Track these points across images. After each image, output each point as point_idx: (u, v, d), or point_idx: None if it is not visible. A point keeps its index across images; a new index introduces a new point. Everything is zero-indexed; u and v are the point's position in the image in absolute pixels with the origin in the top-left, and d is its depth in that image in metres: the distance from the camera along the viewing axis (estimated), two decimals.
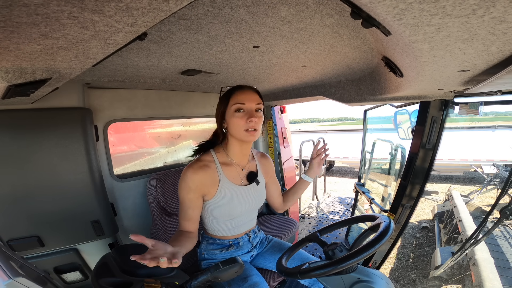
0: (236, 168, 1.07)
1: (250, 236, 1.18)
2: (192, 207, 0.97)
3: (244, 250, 1.16)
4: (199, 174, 0.96)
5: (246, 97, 0.96)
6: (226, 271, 0.69)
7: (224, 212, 1.03)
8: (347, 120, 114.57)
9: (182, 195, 0.97)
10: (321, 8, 0.59)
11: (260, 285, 1.00)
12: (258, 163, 1.17)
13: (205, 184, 0.98)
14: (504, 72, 0.60)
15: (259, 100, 0.98)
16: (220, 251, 1.11)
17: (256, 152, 1.22)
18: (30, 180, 1.18)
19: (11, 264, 0.59)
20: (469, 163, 6.38)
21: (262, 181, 1.16)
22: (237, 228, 1.12)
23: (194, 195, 0.97)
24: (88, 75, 1.15)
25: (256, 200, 1.12)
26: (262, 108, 0.99)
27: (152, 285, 0.80)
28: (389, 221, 0.84)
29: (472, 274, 2.22)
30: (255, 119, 0.94)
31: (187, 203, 0.97)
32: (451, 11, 0.37)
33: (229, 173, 1.04)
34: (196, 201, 0.98)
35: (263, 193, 1.17)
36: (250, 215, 1.16)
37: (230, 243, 1.12)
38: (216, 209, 1.03)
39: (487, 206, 4.44)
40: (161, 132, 1.91)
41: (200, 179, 0.96)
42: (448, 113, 1.39)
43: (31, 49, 0.47)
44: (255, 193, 1.11)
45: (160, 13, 0.40)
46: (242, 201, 1.06)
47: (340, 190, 6.65)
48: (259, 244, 1.25)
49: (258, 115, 0.96)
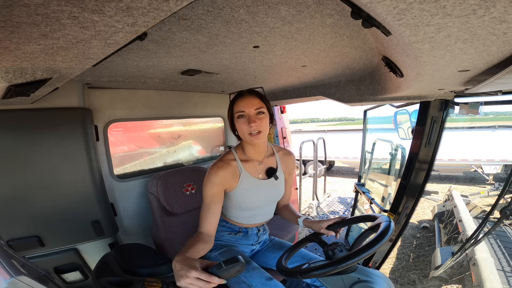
0: (253, 163, 1.13)
1: (260, 230, 1.24)
2: (215, 200, 1.03)
3: (249, 242, 1.21)
4: (222, 171, 1.04)
5: (245, 103, 1.01)
6: (228, 270, 0.69)
7: (242, 202, 1.10)
8: (347, 120, 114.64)
9: (206, 191, 1.03)
10: (321, 8, 0.59)
11: (261, 269, 1.06)
12: (279, 159, 1.21)
13: (227, 179, 1.06)
14: (504, 72, 0.60)
15: (259, 104, 1.02)
16: (228, 234, 1.19)
17: (279, 149, 1.26)
18: (30, 180, 1.18)
19: (13, 263, 0.59)
20: (469, 163, 6.38)
21: (282, 177, 1.20)
22: (253, 218, 1.18)
23: (218, 189, 1.03)
24: (88, 75, 1.15)
25: (273, 194, 1.17)
26: (263, 110, 1.03)
27: (153, 284, 0.80)
28: (389, 221, 0.84)
29: (472, 274, 2.22)
30: (255, 124, 1.00)
31: (210, 197, 1.02)
32: (451, 11, 0.37)
33: (248, 168, 1.12)
34: (219, 195, 1.04)
35: (281, 188, 1.21)
36: (267, 208, 1.20)
37: (240, 229, 1.19)
38: (237, 199, 1.10)
39: (487, 206, 4.44)
40: (161, 132, 1.91)
41: (222, 175, 1.04)
42: (448, 113, 1.39)
43: (31, 49, 0.47)
44: (273, 187, 1.16)
45: (160, 13, 0.40)
46: (260, 193, 1.12)
47: (340, 190, 6.65)
48: (262, 242, 1.29)
49: (259, 118, 1.02)
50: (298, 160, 5.71)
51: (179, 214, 1.53)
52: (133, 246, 1.29)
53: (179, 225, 1.51)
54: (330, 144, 7.19)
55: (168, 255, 1.37)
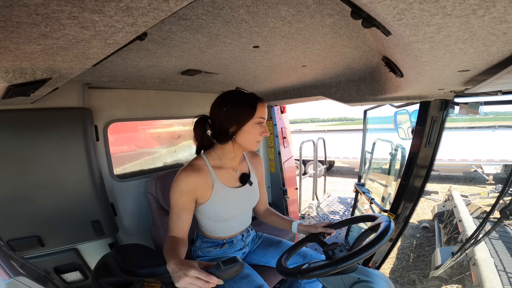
0: (228, 171, 1.07)
1: (244, 235, 1.19)
2: (184, 210, 0.96)
3: (237, 248, 1.18)
4: (192, 177, 0.96)
5: (265, 111, 1.00)
6: (227, 270, 0.69)
7: (218, 215, 1.04)
8: (347, 120, 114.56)
9: (174, 199, 0.96)
10: (321, 8, 0.59)
11: (252, 276, 1.03)
12: (249, 164, 1.18)
13: (198, 188, 0.98)
14: (504, 72, 0.60)
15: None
16: (214, 248, 1.13)
17: (247, 152, 1.21)
18: (30, 180, 1.18)
19: (12, 264, 0.59)
20: (469, 163, 6.38)
21: (255, 182, 1.17)
22: (232, 229, 1.13)
23: (187, 198, 0.96)
24: (88, 75, 1.15)
25: (250, 201, 1.14)
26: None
27: (152, 285, 0.80)
28: (389, 221, 0.84)
29: (472, 274, 2.22)
30: (267, 133, 1.00)
31: (179, 206, 0.96)
32: (451, 11, 0.37)
33: (222, 177, 1.05)
34: (189, 204, 0.98)
35: (256, 193, 1.18)
36: (245, 216, 1.17)
37: (224, 241, 1.14)
38: (211, 212, 1.03)
39: (487, 206, 4.44)
40: (161, 132, 1.91)
41: (193, 182, 0.96)
42: (448, 113, 1.39)
43: (31, 49, 0.47)
44: (249, 194, 1.12)
45: (160, 13, 0.40)
46: (236, 203, 1.07)
47: (340, 190, 6.65)
48: (251, 242, 1.27)
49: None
50: (298, 160, 5.71)
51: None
52: (132, 247, 1.29)
53: None
54: (330, 144, 7.19)
55: None
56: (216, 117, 0.99)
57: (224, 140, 0.99)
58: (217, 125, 0.99)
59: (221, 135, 0.99)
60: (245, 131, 0.97)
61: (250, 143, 1.00)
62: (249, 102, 0.97)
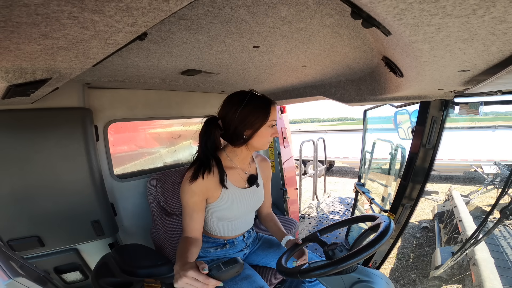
0: (238, 171, 1.09)
1: (245, 236, 1.21)
2: (197, 210, 0.97)
3: (238, 249, 1.19)
4: (204, 177, 0.96)
5: (276, 113, 1.04)
6: (227, 271, 0.70)
7: (225, 214, 1.06)
8: (347, 120, 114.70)
9: (186, 199, 0.96)
10: (321, 8, 0.59)
11: (253, 277, 1.04)
12: (258, 166, 1.20)
13: (209, 188, 0.98)
14: (504, 72, 0.60)
15: None
16: (215, 249, 1.14)
17: (256, 155, 1.24)
18: (30, 180, 1.18)
19: (11, 264, 0.59)
20: (469, 163, 6.38)
21: (262, 184, 1.19)
22: (235, 229, 1.14)
23: (199, 198, 0.97)
24: (88, 75, 1.15)
25: (255, 202, 1.15)
26: None
27: (152, 285, 0.80)
28: (389, 221, 0.84)
29: (472, 274, 2.22)
30: (277, 135, 1.08)
31: (191, 206, 0.96)
32: (451, 11, 0.37)
33: (232, 177, 1.06)
34: (200, 204, 0.98)
35: (261, 196, 1.19)
36: (248, 217, 1.18)
37: (225, 241, 1.15)
38: (218, 211, 1.04)
39: (487, 206, 4.44)
40: (161, 132, 1.91)
41: (204, 183, 0.96)
42: (448, 113, 1.39)
43: (31, 49, 0.47)
44: (255, 196, 1.14)
45: (160, 13, 0.40)
46: (243, 203, 1.09)
47: (340, 190, 6.65)
48: (252, 243, 1.28)
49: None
50: (298, 160, 5.71)
51: (178, 214, 1.52)
52: (132, 247, 1.29)
53: (179, 225, 1.51)
54: (330, 144, 7.20)
55: (168, 256, 1.37)
56: (229, 119, 0.99)
57: (238, 144, 1.02)
58: (230, 128, 0.99)
59: (235, 138, 1.00)
60: (260, 133, 0.99)
61: (261, 144, 1.03)
62: (263, 106, 0.99)
